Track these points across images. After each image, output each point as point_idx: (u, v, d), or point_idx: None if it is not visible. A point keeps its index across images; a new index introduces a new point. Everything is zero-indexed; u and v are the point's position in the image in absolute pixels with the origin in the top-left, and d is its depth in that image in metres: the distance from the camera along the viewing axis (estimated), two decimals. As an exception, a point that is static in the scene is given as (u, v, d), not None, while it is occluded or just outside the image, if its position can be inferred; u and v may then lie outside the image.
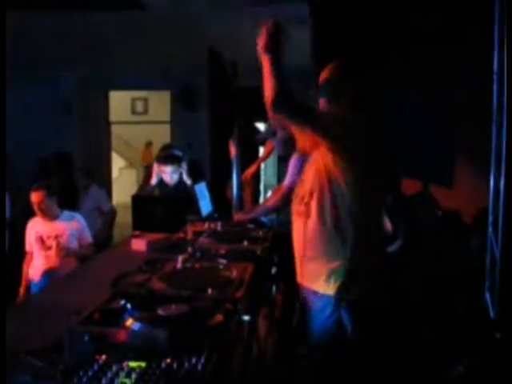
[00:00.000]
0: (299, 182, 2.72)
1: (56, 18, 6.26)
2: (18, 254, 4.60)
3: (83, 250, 4.41)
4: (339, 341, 2.48)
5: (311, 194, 2.54)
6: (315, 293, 2.52)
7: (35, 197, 4.26)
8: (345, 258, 2.45)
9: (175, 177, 4.82)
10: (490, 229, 4.89)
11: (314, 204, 2.52)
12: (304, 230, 2.57)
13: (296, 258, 2.67)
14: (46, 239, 4.32)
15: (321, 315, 2.50)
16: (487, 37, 4.76)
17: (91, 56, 7.90)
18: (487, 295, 4.90)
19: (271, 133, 4.77)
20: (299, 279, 2.64)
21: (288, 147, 4.23)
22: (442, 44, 5.38)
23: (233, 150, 4.62)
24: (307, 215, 2.55)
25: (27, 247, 4.44)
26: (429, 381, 3.66)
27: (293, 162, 4.12)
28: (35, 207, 4.27)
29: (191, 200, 4.28)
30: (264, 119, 7.35)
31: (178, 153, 4.99)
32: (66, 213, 4.45)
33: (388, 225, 4.94)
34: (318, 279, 2.50)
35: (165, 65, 7.95)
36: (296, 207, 2.65)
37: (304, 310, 2.67)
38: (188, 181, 4.74)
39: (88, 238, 4.50)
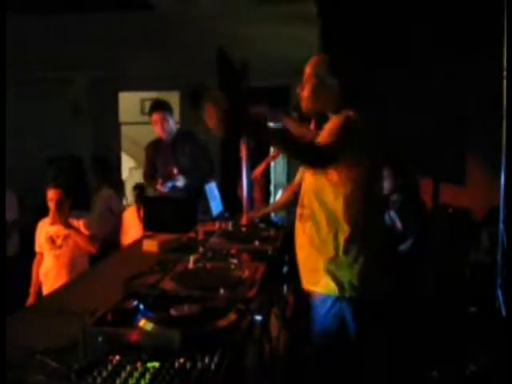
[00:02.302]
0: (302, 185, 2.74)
1: (65, 20, 6.30)
2: (27, 254, 4.62)
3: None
4: (340, 337, 2.49)
5: (309, 198, 2.58)
6: (315, 292, 2.57)
7: (53, 193, 4.27)
8: (343, 259, 2.48)
9: (167, 126, 4.81)
10: (502, 226, 4.87)
11: (312, 207, 2.56)
12: (303, 233, 2.61)
13: (298, 262, 2.69)
14: (56, 239, 4.35)
15: (321, 310, 2.53)
16: (497, 34, 4.74)
17: (100, 57, 7.93)
18: (499, 293, 4.88)
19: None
20: (302, 281, 2.67)
21: None
22: (451, 42, 5.36)
23: (243, 150, 4.61)
24: (306, 218, 2.59)
25: (37, 248, 4.46)
26: (439, 379, 3.65)
27: None
28: (51, 204, 4.28)
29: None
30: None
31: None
32: (75, 213, 4.46)
33: (398, 224, 4.94)
34: (317, 281, 2.54)
35: (174, 65, 7.97)
36: (298, 210, 2.69)
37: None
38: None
39: (87, 230, 4.44)
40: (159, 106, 4.88)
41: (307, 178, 2.64)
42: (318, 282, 2.52)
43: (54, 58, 7.77)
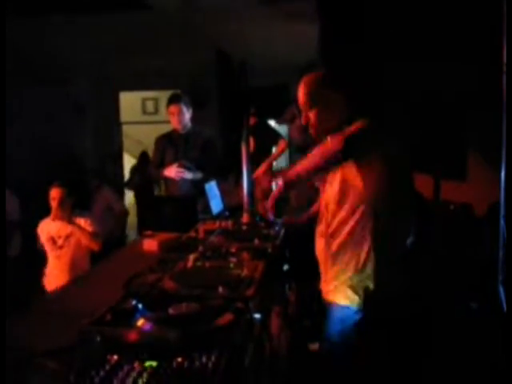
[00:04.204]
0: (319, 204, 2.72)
1: (66, 20, 6.30)
2: (30, 255, 4.64)
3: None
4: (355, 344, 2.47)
5: (333, 215, 2.55)
6: (337, 304, 2.55)
7: (56, 192, 4.29)
8: (366, 272, 2.47)
9: (183, 119, 4.82)
10: (503, 222, 4.86)
11: (335, 223, 2.54)
12: (326, 248, 2.60)
13: (322, 275, 2.69)
14: (57, 239, 4.36)
15: (340, 325, 2.51)
16: (497, 27, 4.73)
17: (101, 57, 7.94)
18: (500, 289, 4.87)
19: (288, 119, 4.70)
20: (324, 294, 2.66)
21: (305, 135, 4.21)
22: (451, 36, 5.34)
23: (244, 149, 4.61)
24: (328, 234, 2.57)
25: (39, 247, 4.48)
26: (442, 377, 3.65)
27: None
28: (53, 203, 4.29)
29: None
30: (274, 117, 7.35)
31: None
32: (76, 212, 4.47)
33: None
34: (340, 293, 2.52)
35: (174, 64, 7.97)
36: (318, 228, 2.68)
37: (321, 312, 2.67)
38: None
39: (90, 227, 4.45)
40: (177, 99, 4.91)
41: (329, 195, 2.59)
42: (341, 293, 2.52)
43: (54, 58, 7.78)
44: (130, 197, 9.61)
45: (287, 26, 5.87)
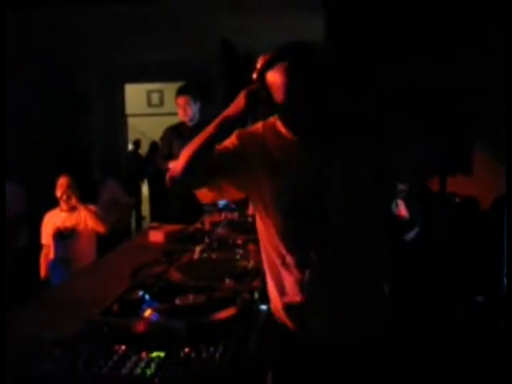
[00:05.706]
0: None
1: (70, 12, 6.30)
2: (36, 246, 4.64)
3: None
4: None
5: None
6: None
7: (63, 180, 4.31)
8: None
9: (189, 111, 4.79)
10: (506, 215, 4.85)
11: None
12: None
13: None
14: (64, 230, 4.37)
15: None
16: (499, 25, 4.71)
17: (106, 49, 7.92)
18: (505, 282, 4.87)
19: None
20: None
21: None
22: (457, 29, 5.32)
23: None
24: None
25: (44, 240, 4.48)
26: (447, 370, 3.65)
27: None
28: (60, 189, 4.31)
29: None
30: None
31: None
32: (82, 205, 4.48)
33: (403, 211, 4.92)
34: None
35: (179, 57, 7.96)
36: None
37: None
38: None
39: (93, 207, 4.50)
40: (184, 90, 4.88)
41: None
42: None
43: (60, 50, 7.78)
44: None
45: (292, 15, 5.84)
